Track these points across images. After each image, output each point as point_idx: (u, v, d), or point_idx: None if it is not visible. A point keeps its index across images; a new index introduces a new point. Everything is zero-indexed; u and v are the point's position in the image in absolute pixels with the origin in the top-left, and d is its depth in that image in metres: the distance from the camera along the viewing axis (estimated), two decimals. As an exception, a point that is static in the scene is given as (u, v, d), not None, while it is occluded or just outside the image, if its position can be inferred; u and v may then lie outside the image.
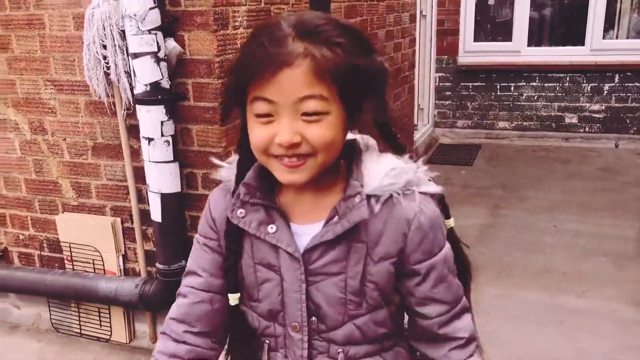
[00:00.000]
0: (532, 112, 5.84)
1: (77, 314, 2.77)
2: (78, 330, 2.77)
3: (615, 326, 2.68)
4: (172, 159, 2.28)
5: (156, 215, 2.33)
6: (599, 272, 3.20)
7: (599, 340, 2.58)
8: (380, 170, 0.93)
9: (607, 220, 3.85)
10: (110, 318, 2.69)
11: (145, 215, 2.52)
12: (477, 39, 5.95)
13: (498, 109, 5.95)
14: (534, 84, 5.76)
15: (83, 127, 2.55)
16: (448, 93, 6.07)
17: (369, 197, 0.92)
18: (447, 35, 5.90)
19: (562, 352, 2.52)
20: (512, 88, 5.85)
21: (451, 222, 1.04)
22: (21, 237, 2.85)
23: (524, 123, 5.89)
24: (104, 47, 2.22)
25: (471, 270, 1.07)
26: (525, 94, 5.82)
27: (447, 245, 0.99)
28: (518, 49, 5.73)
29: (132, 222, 2.58)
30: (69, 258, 2.70)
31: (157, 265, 2.41)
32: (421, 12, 5.37)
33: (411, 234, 0.93)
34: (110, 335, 2.71)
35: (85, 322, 2.75)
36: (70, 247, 2.66)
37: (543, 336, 2.63)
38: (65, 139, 2.60)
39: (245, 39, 0.90)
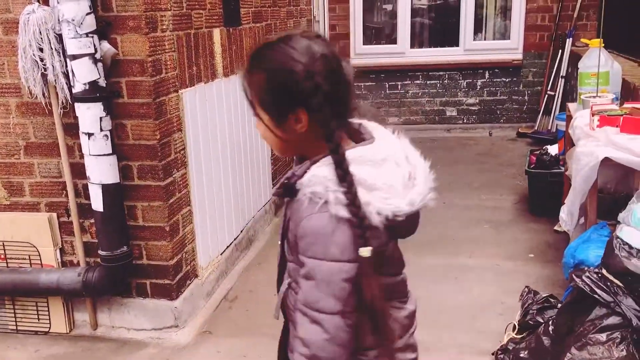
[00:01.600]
0: (418, 107, 6.47)
1: (12, 310, 2.84)
2: (14, 327, 2.85)
3: (498, 276, 3.22)
4: (111, 152, 2.48)
5: (98, 205, 2.51)
6: (483, 236, 3.77)
7: (486, 288, 3.10)
8: (313, 172, 1.12)
9: (487, 195, 4.48)
10: (48, 311, 2.80)
11: (82, 208, 2.68)
12: (366, 42, 6.49)
13: (388, 106, 6.52)
14: (418, 82, 6.40)
15: (14, 128, 2.65)
16: (343, 92, 6.54)
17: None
18: (339, 39, 6.38)
19: (458, 300, 3.00)
20: (399, 86, 6.45)
21: (364, 252, 1.08)
22: (-53, 241, 2.86)
23: (411, 117, 6.51)
24: (41, 50, 2.37)
25: (381, 321, 1.15)
26: (411, 92, 6.44)
27: (330, 264, 1.09)
28: (402, 51, 6.34)
29: (68, 216, 2.72)
30: (2, 256, 2.77)
31: (100, 252, 2.58)
32: (314, 17, 5.79)
33: (298, 230, 1.14)
34: (50, 328, 2.81)
35: (22, 317, 2.83)
36: (4, 245, 2.74)
37: (441, 289, 3.10)
38: (-5, 140, 2.68)
39: None
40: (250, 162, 3.73)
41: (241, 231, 3.59)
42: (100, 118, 2.42)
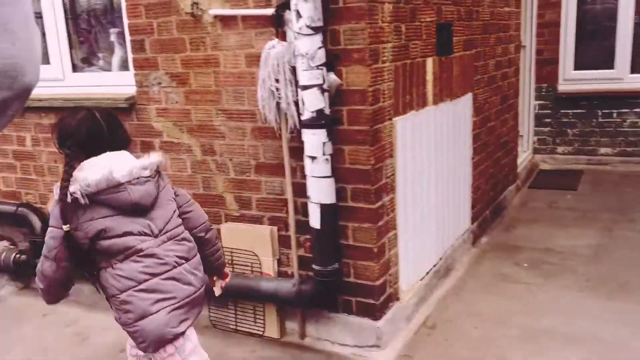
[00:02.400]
0: (637, 138, 5.87)
1: (234, 312, 3.17)
2: (234, 327, 3.18)
3: None
4: (330, 174, 2.66)
5: (315, 222, 2.71)
6: None
7: None
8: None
9: None
10: (264, 316, 3.08)
11: (299, 224, 2.91)
12: (576, 67, 6.08)
13: (599, 135, 6.02)
14: (638, 110, 5.81)
15: (248, 149, 2.99)
16: (547, 120, 6.21)
17: None
18: (546, 65, 6.08)
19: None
20: (615, 114, 5.91)
21: (65, 227, 1.85)
22: (186, 244, 3.30)
23: (628, 149, 5.92)
24: (277, 81, 2.65)
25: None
26: (629, 120, 5.87)
27: (49, 228, 1.90)
28: (621, 76, 5.82)
29: (286, 231, 2.97)
30: (229, 262, 3.12)
31: (314, 266, 2.78)
32: (521, 42, 5.59)
33: None
34: (264, 331, 3.09)
35: (241, 319, 3.15)
36: (232, 252, 3.09)
37: (669, 345, 2.75)
38: (231, 159, 3.05)
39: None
40: (452, 189, 3.71)
41: (440, 259, 3.59)
42: (324, 143, 2.61)
